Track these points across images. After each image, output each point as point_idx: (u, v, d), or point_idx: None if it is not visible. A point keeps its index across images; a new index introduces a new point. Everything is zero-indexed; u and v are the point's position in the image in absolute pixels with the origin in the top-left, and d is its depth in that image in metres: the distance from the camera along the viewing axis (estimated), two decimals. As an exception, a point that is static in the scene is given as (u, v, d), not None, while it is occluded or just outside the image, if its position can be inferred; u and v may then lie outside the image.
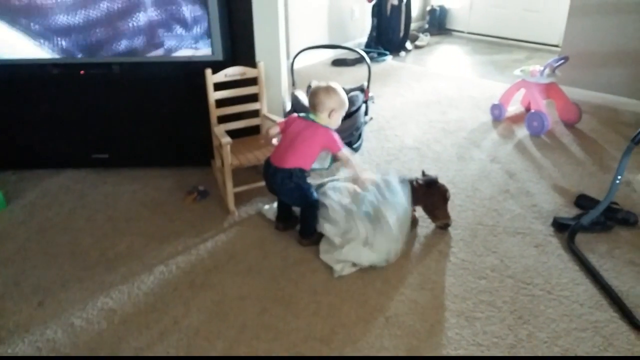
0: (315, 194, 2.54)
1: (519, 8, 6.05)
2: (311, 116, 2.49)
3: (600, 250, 2.50)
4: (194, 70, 2.88)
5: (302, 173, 2.46)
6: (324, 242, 2.50)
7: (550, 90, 3.85)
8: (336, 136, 2.45)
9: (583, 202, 2.84)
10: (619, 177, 2.41)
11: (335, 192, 2.61)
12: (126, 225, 2.76)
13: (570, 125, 3.88)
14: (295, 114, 2.58)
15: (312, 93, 2.49)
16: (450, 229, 2.67)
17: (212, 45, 2.94)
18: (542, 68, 3.75)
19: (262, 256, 2.50)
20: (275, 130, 2.56)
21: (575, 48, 4.22)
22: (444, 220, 2.66)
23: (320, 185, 2.74)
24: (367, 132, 3.73)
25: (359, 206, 2.51)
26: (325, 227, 2.48)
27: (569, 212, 2.80)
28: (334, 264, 2.37)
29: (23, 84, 3.07)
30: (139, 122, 3.17)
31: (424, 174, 2.76)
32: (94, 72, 3.02)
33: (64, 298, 2.26)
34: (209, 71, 2.79)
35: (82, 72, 3.01)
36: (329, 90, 2.46)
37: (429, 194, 2.64)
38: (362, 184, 2.50)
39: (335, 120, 2.51)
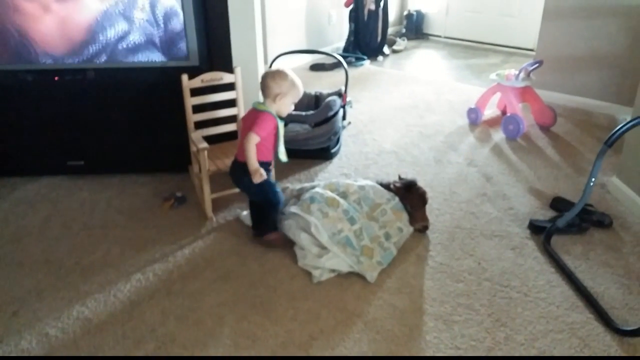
0: (278, 192, 2.54)
1: (495, 13, 6.13)
2: (256, 104, 2.46)
3: (576, 252, 2.53)
4: (170, 75, 2.85)
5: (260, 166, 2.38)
6: (301, 249, 2.48)
7: (525, 93, 3.90)
8: (266, 123, 2.38)
9: (558, 204, 2.87)
10: (593, 179, 2.45)
11: (320, 208, 2.51)
12: (102, 233, 2.72)
13: (545, 129, 3.93)
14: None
15: (262, 78, 2.45)
16: (428, 232, 2.68)
17: (187, 50, 2.92)
18: (517, 72, 3.80)
19: (240, 262, 2.48)
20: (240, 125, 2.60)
21: (549, 52, 4.29)
22: (422, 223, 2.68)
23: (300, 191, 2.73)
24: (345, 136, 3.74)
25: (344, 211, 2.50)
26: (303, 237, 2.47)
27: (544, 214, 2.83)
28: (313, 270, 2.37)
29: (-5, 91, 3.02)
30: (115, 128, 3.13)
31: (400, 177, 2.78)
32: (69, 78, 2.98)
33: (38, 307, 2.22)
34: (185, 77, 2.77)
35: (56, 78, 2.97)
36: (274, 74, 2.41)
37: (407, 197, 2.66)
38: (254, 175, 2.35)
39: (284, 105, 2.45)
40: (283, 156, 2.55)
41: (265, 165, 2.44)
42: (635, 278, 2.36)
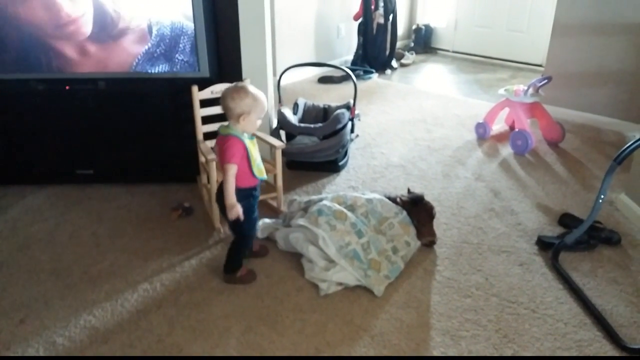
0: (254, 227, 2.41)
1: (504, 28, 6.15)
2: (220, 128, 2.25)
3: (584, 269, 2.52)
4: (180, 86, 2.88)
5: (241, 194, 2.21)
6: (309, 261, 2.48)
7: (534, 109, 3.90)
8: (235, 148, 2.16)
9: (567, 220, 2.86)
10: (602, 196, 2.44)
11: (328, 221, 2.50)
12: (110, 242, 2.73)
13: (553, 144, 3.93)
14: None
15: (221, 97, 2.23)
16: (435, 247, 2.68)
17: (198, 62, 2.95)
18: (525, 87, 3.80)
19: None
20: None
21: (558, 68, 4.29)
22: (429, 238, 2.67)
23: (308, 203, 2.73)
24: (353, 149, 3.75)
25: (352, 224, 2.50)
26: (310, 249, 2.46)
27: (552, 230, 2.83)
28: (320, 283, 2.36)
29: (7, 100, 3.05)
30: (124, 138, 3.16)
31: (409, 191, 2.79)
32: (79, 87, 3.01)
33: (46, 315, 2.22)
34: (195, 88, 2.79)
35: (67, 87, 3.00)
36: (233, 94, 2.17)
37: (414, 212, 2.66)
38: (229, 211, 2.18)
39: (250, 123, 2.21)
40: (262, 174, 2.30)
41: (249, 191, 2.28)
42: (644, 296, 2.35)
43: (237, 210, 2.17)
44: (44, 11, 2.81)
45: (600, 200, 2.45)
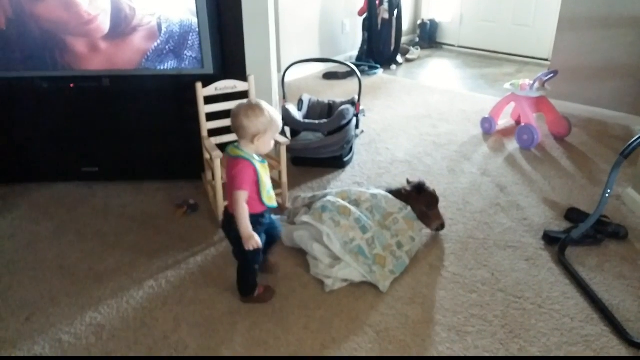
0: (257, 253, 2.15)
1: (509, 22, 6.11)
2: (230, 150, 2.12)
3: (591, 264, 2.51)
4: (184, 83, 2.88)
5: (250, 220, 2.07)
6: (314, 258, 2.47)
7: (540, 103, 3.88)
8: (246, 174, 2.03)
9: (573, 215, 2.85)
10: (609, 190, 2.43)
11: (332, 217, 2.49)
12: (115, 240, 2.74)
13: (560, 139, 3.90)
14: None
15: (232, 115, 2.07)
16: (441, 242, 2.67)
17: (202, 58, 2.94)
18: (531, 82, 3.78)
19: (253, 270, 2.48)
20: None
21: (564, 62, 4.26)
22: (438, 222, 2.68)
23: (312, 199, 2.72)
24: (358, 145, 3.74)
25: (356, 219, 2.49)
26: (315, 247, 2.45)
27: (559, 225, 2.81)
28: (325, 279, 2.36)
29: (12, 98, 3.05)
30: (129, 135, 3.16)
31: (408, 181, 2.78)
32: (84, 85, 3.01)
33: (51, 313, 2.23)
34: (199, 84, 2.79)
35: (71, 85, 3.00)
36: (249, 112, 2.02)
37: (420, 199, 2.65)
38: (246, 242, 2.05)
39: (264, 144, 2.08)
40: (271, 201, 2.16)
41: (255, 217, 2.11)
42: (652, 291, 2.33)
43: (255, 242, 2.04)
44: (63, 10, 2.80)
45: (607, 195, 2.43)
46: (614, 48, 4.06)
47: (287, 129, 3.42)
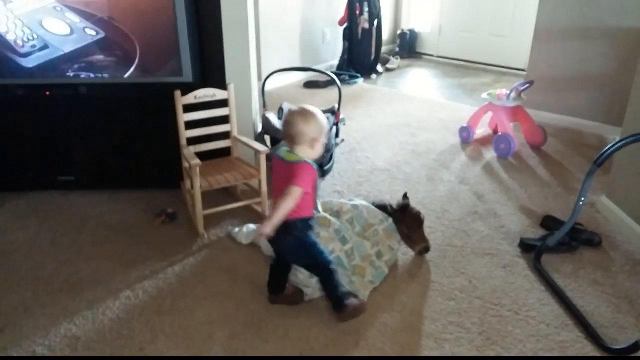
0: (325, 252, 2.18)
1: (487, 33, 6.20)
2: (284, 155, 2.07)
3: (566, 271, 2.54)
4: (163, 92, 2.86)
5: (303, 224, 2.09)
6: (293, 268, 2.45)
7: (516, 113, 3.94)
8: (310, 174, 2.01)
9: (549, 223, 2.88)
10: (583, 198, 2.46)
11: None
12: (92, 249, 2.71)
13: (536, 148, 3.96)
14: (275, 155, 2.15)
15: (288, 122, 2.05)
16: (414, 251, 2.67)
17: (181, 66, 2.93)
18: (508, 92, 3.83)
19: (232, 280, 2.47)
20: None
21: (540, 72, 4.33)
22: (422, 244, 2.62)
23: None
24: (338, 154, 3.75)
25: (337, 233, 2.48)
26: None
27: (535, 233, 2.85)
28: (304, 288, 2.36)
29: (-14, 106, 3.01)
30: (107, 144, 3.14)
31: (405, 196, 2.72)
32: (60, 93, 2.98)
33: (25, 324, 2.20)
34: (178, 93, 2.79)
35: (47, 93, 2.97)
36: (307, 116, 2.03)
37: (403, 219, 2.63)
38: (266, 228, 1.97)
39: (319, 150, 2.08)
40: (319, 207, 2.29)
41: (308, 221, 2.12)
42: (624, 297, 2.37)
43: (269, 233, 1.98)
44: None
45: (581, 203, 2.47)
46: (589, 59, 4.14)
47: (267, 138, 3.41)
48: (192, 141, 2.91)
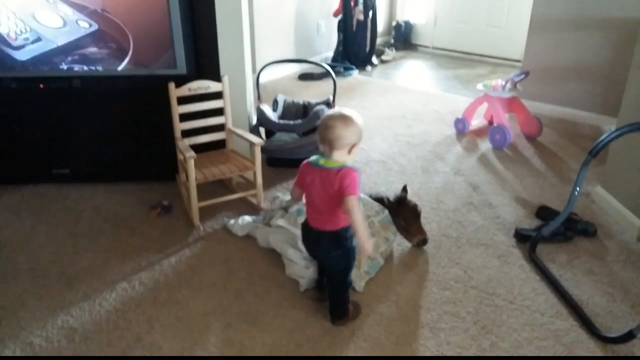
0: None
1: (482, 24, 6.19)
2: (322, 162, 1.97)
3: (561, 260, 2.55)
4: (157, 84, 2.85)
5: (349, 231, 2.03)
6: (288, 259, 2.47)
7: (512, 104, 3.94)
8: (356, 178, 1.92)
9: (544, 213, 2.90)
10: (578, 188, 2.47)
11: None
12: (88, 242, 2.70)
13: (531, 139, 3.97)
14: (305, 162, 2.04)
15: (328, 126, 1.93)
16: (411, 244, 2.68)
17: (175, 58, 2.92)
18: (503, 82, 3.84)
19: (227, 271, 2.47)
20: (297, 195, 2.10)
21: (535, 63, 4.33)
22: (420, 236, 2.63)
23: (289, 203, 2.72)
24: (333, 145, 3.74)
25: None
26: (290, 252, 2.45)
27: (530, 223, 2.86)
28: (300, 279, 2.36)
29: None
30: (101, 136, 3.13)
31: (405, 189, 2.73)
32: (54, 86, 2.96)
33: (22, 316, 2.20)
34: (172, 85, 2.78)
35: (41, 85, 2.96)
36: (347, 120, 1.94)
37: (400, 212, 2.64)
38: (367, 245, 1.92)
39: (354, 156, 2.01)
40: None
41: (349, 227, 2.03)
42: (619, 286, 2.38)
43: (372, 251, 1.98)
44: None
45: (576, 193, 2.48)
46: (584, 49, 4.14)
47: (262, 130, 3.41)
48: (187, 133, 2.90)
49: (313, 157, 2.01)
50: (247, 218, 2.79)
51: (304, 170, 2.02)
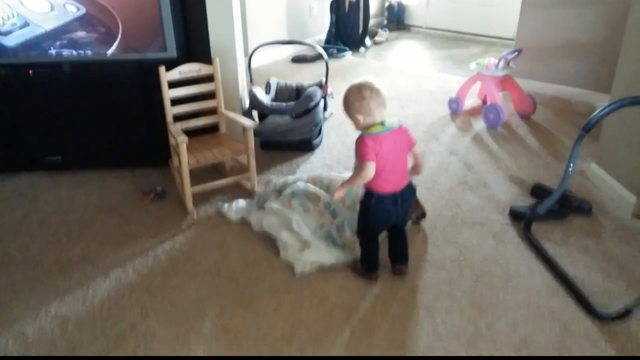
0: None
1: (475, 3, 6.14)
2: (387, 124, 2.13)
3: (556, 238, 2.55)
4: (147, 68, 2.82)
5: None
6: (283, 243, 2.46)
7: (505, 82, 3.91)
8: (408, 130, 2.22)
9: (538, 191, 2.88)
10: (572, 165, 2.46)
11: (301, 203, 2.52)
12: (81, 229, 2.68)
13: (525, 117, 3.95)
14: (370, 135, 2.11)
15: (375, 91, 2.16)
16: (409, 221, 2.66)
17: (165, 41, 2.88)
18: (496, 61, 3.80)
19: (222, 256, 2.46)
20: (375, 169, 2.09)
21: (528, 41, 4.30)
22: (418, 211, 2.65)
23: (283, 185, 2.70)
24: (327, 127, 3.73)
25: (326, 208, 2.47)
26: (284, 235, 2.44)
27: (525, 201, 2.85)
28: (295, 262, 2.35)
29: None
30: (93, 122, 3.09)
31: None
32: (43, 71, 2.92)
33: (15, 306, 2.18)
34: (162, 68, 2.74)
35: (30, 72, 2.91)
36: (373, 89, 2.18)
37: None
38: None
39: None
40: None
41: None
42: (615, 263, 2.38)
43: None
44: None
45: (570, 169, 2.46)
46: (577, 26, 4.10)
47: (255, 113, 3.38)
48: (179, 118, 2.87)
49: (375, 128, 2.11)
50: (241, 202, 2.78)
51: (377, 140, 2.09)
